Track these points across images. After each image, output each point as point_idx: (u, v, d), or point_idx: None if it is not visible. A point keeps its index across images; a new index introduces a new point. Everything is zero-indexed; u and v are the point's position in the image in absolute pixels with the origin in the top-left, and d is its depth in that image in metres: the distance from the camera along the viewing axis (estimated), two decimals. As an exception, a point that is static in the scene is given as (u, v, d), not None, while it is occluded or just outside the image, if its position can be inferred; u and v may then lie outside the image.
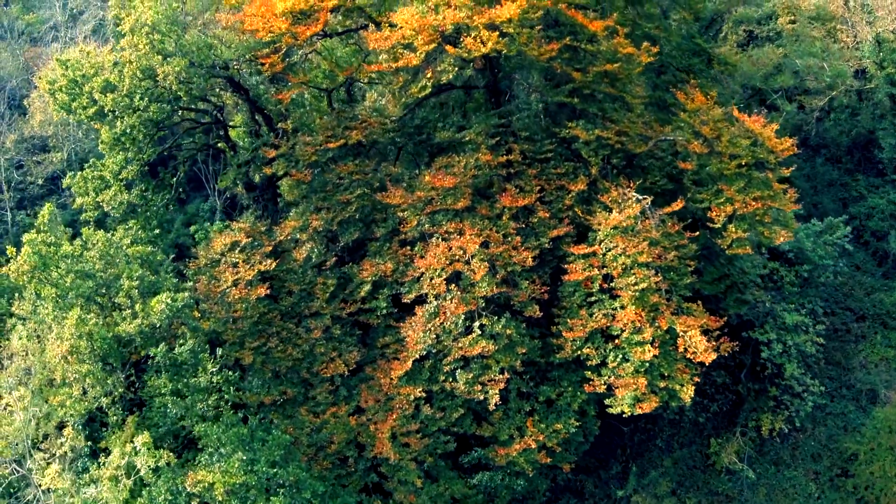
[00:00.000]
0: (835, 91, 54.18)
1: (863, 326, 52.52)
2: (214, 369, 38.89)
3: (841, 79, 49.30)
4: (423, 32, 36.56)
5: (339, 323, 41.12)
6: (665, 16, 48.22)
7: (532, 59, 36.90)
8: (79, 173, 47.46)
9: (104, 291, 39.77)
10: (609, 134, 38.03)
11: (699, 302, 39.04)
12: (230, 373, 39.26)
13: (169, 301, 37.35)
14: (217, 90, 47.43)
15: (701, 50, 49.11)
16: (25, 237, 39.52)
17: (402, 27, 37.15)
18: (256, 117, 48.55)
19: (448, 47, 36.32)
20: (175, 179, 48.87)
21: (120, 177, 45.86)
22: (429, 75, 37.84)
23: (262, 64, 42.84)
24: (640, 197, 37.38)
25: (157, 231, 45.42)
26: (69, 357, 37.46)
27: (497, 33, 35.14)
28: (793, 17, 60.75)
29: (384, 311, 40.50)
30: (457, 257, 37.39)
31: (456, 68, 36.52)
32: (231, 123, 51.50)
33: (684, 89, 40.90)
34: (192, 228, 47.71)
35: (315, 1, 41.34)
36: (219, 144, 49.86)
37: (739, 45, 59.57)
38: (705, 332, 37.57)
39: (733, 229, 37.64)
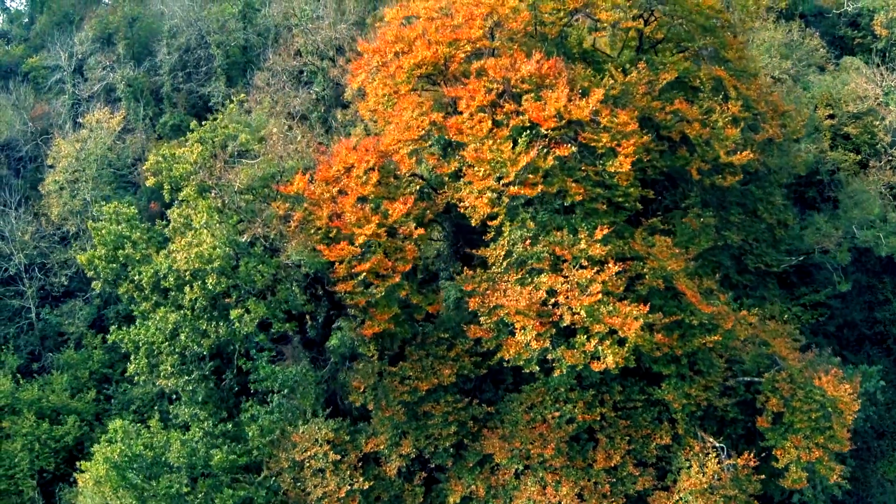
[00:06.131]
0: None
1: (882, 444, 56.92)
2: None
3: (896, 254, 51.41)
4: (534, 320, 37.25)
5: (430, 527, 44.61)
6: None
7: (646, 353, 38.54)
8: (125, 332, 45.43)
9: None
10: (697, 391, 40.49)
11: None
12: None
13: None
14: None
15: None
16: (96, 449, 41.92)
17: (509, 312, 37.87)
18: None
19: (566, 354, 36.81)
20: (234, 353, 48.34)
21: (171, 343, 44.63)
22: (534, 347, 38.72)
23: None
24: (720, 447, 40.55)
25: (229, 425, 45.06)
26: None
27: (620, 349, 36.32)
28: (832, 111, 61.40)
29: (473, 520, 44.00)
30: (554, 509, 40.68)
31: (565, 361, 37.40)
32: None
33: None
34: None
35: (395, 221, 40.85)
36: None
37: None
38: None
39: (794, 470, 41.12)
